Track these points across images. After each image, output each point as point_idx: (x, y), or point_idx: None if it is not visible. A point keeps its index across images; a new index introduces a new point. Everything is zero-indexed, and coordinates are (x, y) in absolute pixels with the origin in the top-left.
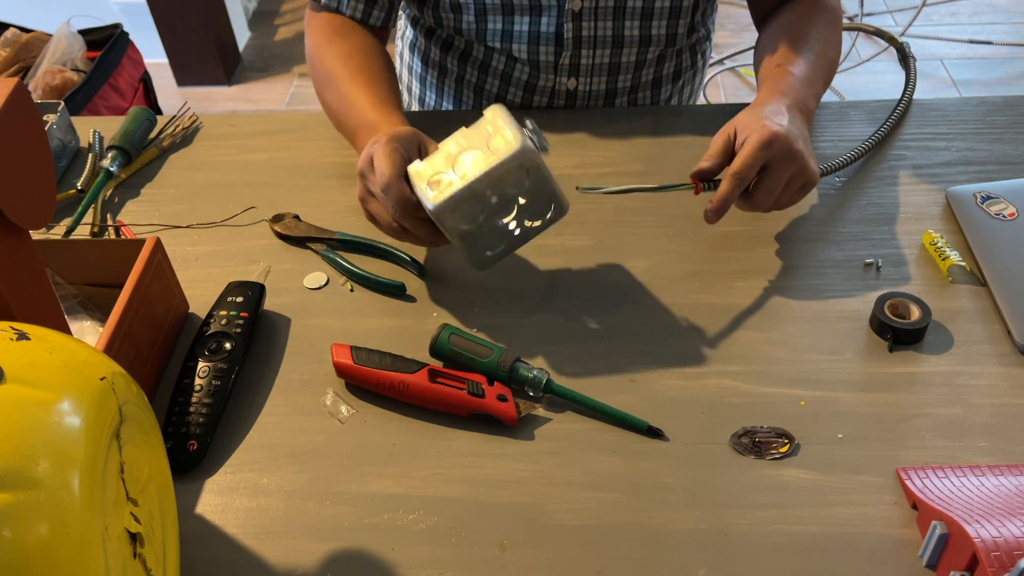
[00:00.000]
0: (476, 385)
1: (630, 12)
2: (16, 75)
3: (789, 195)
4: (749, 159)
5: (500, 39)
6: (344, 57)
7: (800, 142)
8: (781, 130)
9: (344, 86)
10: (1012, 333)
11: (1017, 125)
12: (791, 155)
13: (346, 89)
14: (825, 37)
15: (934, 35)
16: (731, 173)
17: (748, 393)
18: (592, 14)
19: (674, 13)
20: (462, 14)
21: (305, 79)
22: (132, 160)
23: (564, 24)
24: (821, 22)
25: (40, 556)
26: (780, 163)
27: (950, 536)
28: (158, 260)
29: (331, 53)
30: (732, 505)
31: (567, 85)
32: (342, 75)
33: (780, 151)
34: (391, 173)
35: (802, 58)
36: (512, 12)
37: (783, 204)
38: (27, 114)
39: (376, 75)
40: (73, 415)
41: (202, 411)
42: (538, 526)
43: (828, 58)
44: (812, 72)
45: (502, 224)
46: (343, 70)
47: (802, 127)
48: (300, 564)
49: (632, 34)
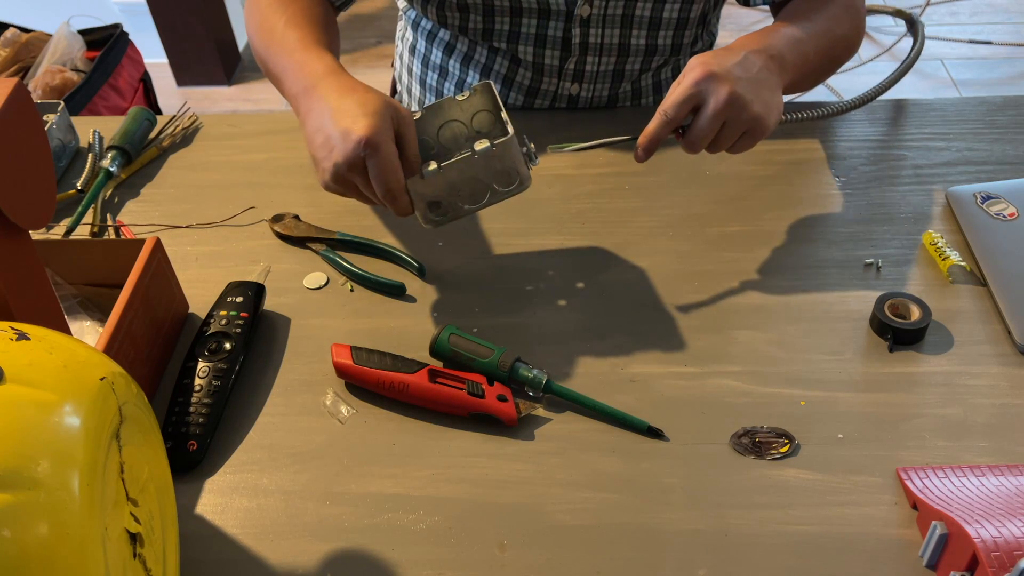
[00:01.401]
0: (476, 385)
1: (638, 21)
2: (16, 75)
3: (729, 139)
4: (678, 97)
5: (507, 39)
6: (284, 3)
7: (743, 84)
8: (719, 70)
9: (278, 26)
10: (1012, 333)
11: (1017, 125)
12: (726, 97)
13: (279, 30)
14: (835, 14)
15: (934, 35)
16: (660, 110)
17: (748, 393)
18: (600, 21)
19: (681, 24)
20: (469, 13)
21: None
22: (132, 160)
23: (572, 29)
24: (836, 4)
25: (40, 556)
26: (713, 103)
27: (950, 536)
28: (158, 260)
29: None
30: (732, 505)
31: (570, 90)
32: (277, 17)
33: (713, 91)
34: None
35: (797, 23)
36: (520, 15)
37: (725, 148)
38: (27, 114)
39: (316, 22)
40: (73, 415)
41: (202, 411)
42: (538, 526)
43: (833, 32)
44: (804, 35)
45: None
46: (281, 12)
47: (760, 72)
48: (300, 564)
49: (639, 43)
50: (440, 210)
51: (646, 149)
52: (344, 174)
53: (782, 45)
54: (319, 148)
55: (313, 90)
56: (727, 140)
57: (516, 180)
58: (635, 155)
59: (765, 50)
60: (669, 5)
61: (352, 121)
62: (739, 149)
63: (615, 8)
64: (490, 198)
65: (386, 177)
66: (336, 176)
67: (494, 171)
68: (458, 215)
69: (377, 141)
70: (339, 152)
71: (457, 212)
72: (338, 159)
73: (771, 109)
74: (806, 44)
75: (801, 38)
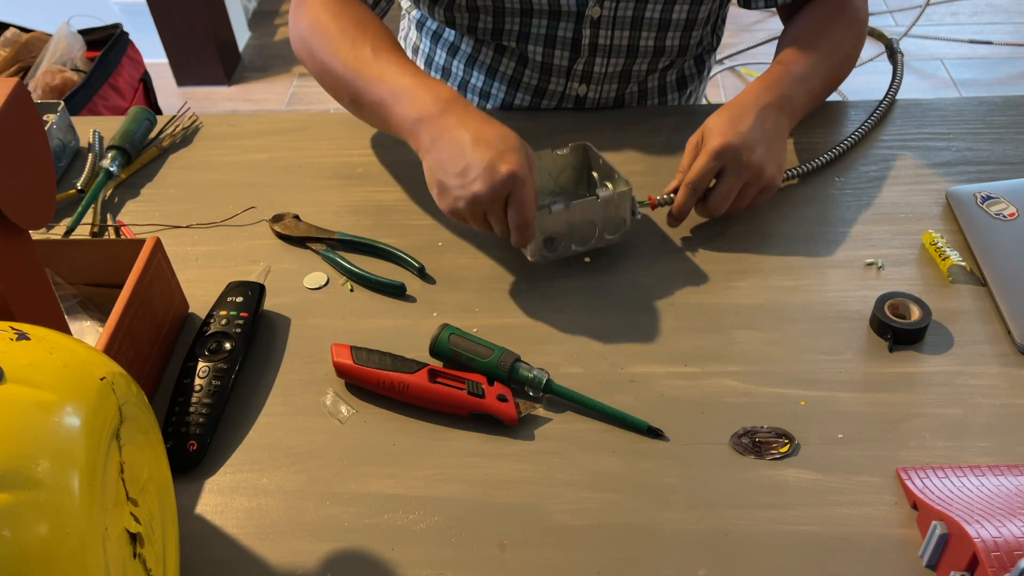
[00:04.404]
0: (476, 385)
1: (647, 23)
2: (16, 75)
3: (747, 199)
4: (702, 170)
5: (516, 39)
6: (360, 24)
7: (758, 148)
8: (737, 140)
9: (365, 52)
10: (1012, 333)
11: (1017, 125)
12: (744, 164)
13: (368, 56)
14: (837, 37)
15: (934, 35)
16: (685, 183)
17: (748, 393)
18: (610, 23)
19: (689, 25)
20: (479, 14)
21: (305, 79)
22: (132, 160)
23: (582, 30)
24: (838, 23)
25: (40, 556)
26: (733, 171)
27: (950, 536)
28: (158, 260)
29: (345, 22)
30: (732, 505)
31: (578, 91)
32: (361, 43)
33: (732, 160)
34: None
35: (803, 55)
36: (531, 15)
37: (743, 208)
38: (27, 114)
39: (397, 44)
40: (73, 415)
41: (202, 411)
42: (538, 526)
43: (836, 56)
44: (810, 69)
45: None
46: (362, 38)
47: (771, 127)
48: (300, 564)
49: (647, 44)
50: (552, 246)
51: (678, 218)
52: (483, 204)
53: (792, 90)
54: (455, 176)
55: (440, 117)
56: (744, 202)
57: (621, 229)
58: (668, 222)
59: (777, 102)
60: (678, 7)
61: (498, 155)
62: (757, 204)
63: (625, 9)
64: (595, 242)
65: (524, 210)
66: (474, 203)
67: (608, 217)
68: (565, 254)
69: (523, 176)
70: (483, 183)
71: (565, 251)
72: (481, 189)
73: (782, 164)
74: (813, 80)
75: (808, 75)
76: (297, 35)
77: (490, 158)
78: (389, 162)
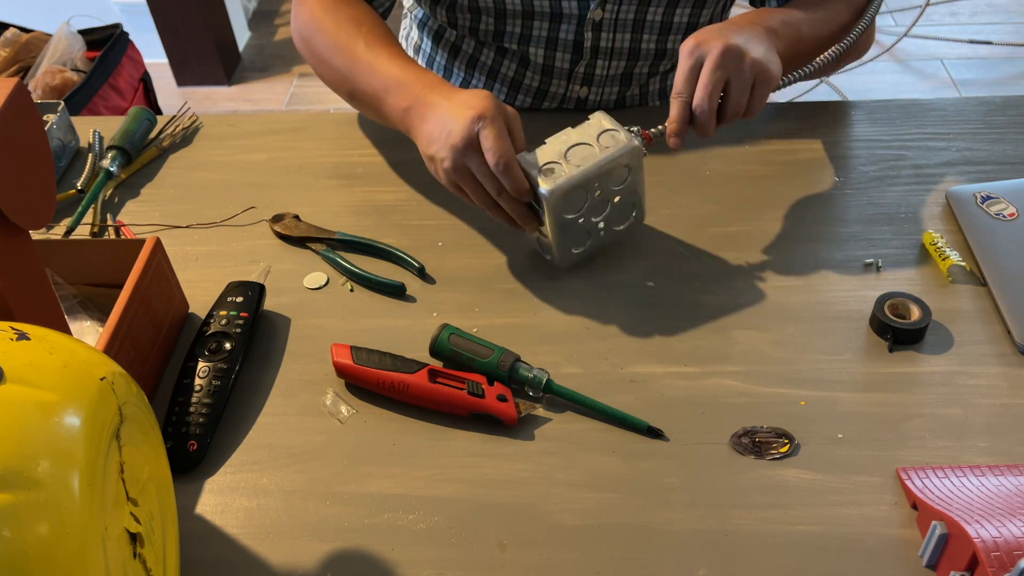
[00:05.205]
0: (476, 385)
1: (649, 26)
2: (16, 75)
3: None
4: (681, 72)
5: (518, 41)
6: (356, 21)
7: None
8: (707, 34)
9: (359, 48)
10: (1012, 333)
11: (1017, 125)
12: (723, 48)
13: (361, 51)
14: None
15: (934, 35)
16: (672, 95)
17: (748, 393)
18: (612, 25)
19: (691, 28)
20: (480, 15)
21: (304, 79)
22: (132, 160)
23: (584, 33)
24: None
25: (40, 556)
26: (711, 58)
27: (950, 536)
28: (158, 260)
29: (341, 18)
30: (732, 505)
31: (579, 93)
32: (355, 38)
33: (708, 49)
34: (509, 153)
35: (792, 9)
36: (532, 18)
37: (742, 108)
38: (27, 114)
39: (391, 38)
40: (73, 415)
41: (202, 411)
42: (538, 526)
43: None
44: (796, 18)
45: (593, 222)
46: (356, 33)
47: (748, 31)
48: (300, 564)
49: (649, 47)
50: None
51: (677, 134)
52: (461, 157)
53: (772, 22)
54: (437, 139)
55: (425, 98)
56: (738, 96)
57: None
58: (669, 144)
59: (754, 22)
60: (680, 10)
61: (465, 107)
62: (755, 105)
63: (627, 12)
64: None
65: (496, 144)
66: (455, 160)
67: (608, 170)
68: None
69: (487, 115)
70: (456, 134)
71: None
72: (455, 141)
73: (770, 58)
74: (800, 26)
75: (794, 19)
76: (297, 32)
77: (458, 113)
78: (389, 162)
